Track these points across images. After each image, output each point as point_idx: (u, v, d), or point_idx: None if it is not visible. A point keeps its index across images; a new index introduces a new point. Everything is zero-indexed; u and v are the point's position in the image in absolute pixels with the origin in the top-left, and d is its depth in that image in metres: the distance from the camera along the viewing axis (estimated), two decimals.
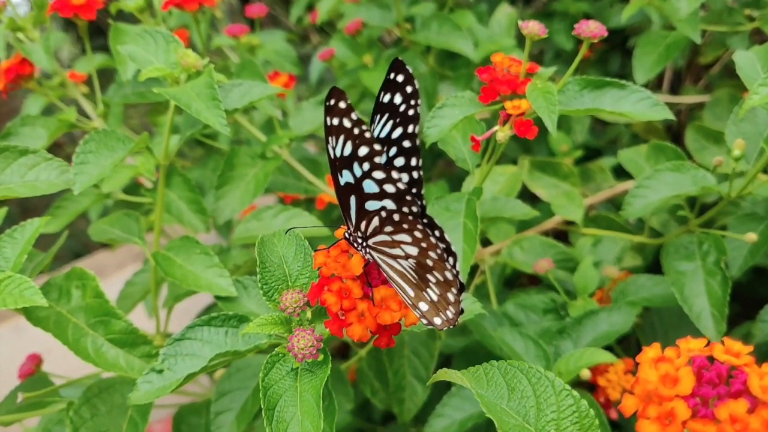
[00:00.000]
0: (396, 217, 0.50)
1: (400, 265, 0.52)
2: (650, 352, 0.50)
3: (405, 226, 0.50)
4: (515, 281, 1.30)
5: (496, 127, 0.74)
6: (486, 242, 1.11)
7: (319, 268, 0.54)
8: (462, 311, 0.54)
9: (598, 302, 0.95)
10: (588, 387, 0.87)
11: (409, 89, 0.54)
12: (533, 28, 0.71)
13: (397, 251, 0.52)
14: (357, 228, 0.53)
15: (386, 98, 0.54)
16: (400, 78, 0.54)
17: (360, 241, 0.53)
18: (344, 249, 0.55)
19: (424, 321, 0.53)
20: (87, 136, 0.70)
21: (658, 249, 0.91)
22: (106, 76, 1.32)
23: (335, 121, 0.49)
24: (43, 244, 0.90)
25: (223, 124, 0.66)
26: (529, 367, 0.51)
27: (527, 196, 1.17)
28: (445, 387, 1.03)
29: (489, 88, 0.75)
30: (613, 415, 0.85)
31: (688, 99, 1.28)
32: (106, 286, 1.15)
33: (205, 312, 1.20)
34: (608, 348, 0.83)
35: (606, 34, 0.70)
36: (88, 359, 0.65)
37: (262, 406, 0.51)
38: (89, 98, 1.05)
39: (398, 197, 0.51)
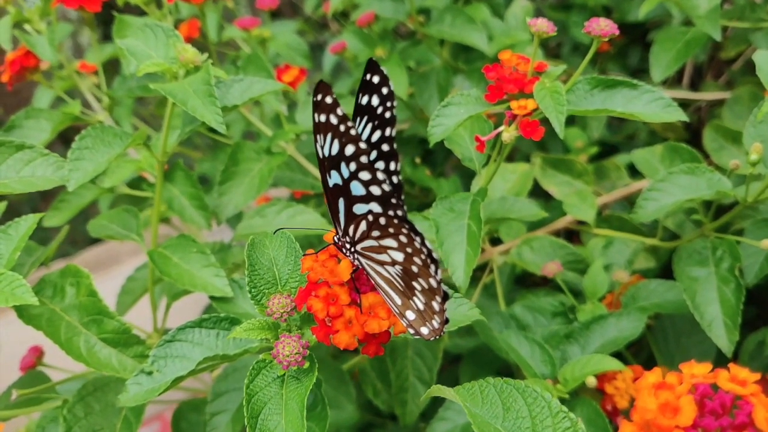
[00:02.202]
0: (382, 221, 0.49)
1: (387, 271, 0.50)
2: (650, 377, 0.47)
3: (391, 230, 0.49)
4: (527, 278, 1.28)
5: (502, 128, 0.72)
6: (496, 240, 1.09)
7: (307, 273, 0.53)
8: (447, 321, 0.52)
9: (608, 306, 0.93)
10: (595, 392, 0.84)
11: (385, 91, 0.52)
12: (541, 26, 0.68)
13: (383, 257, 0.50)
14: (345, 233, 0.52)
15: (364, 100, 0.52)
16: (375, 79, 0.52)
17: (348, 246, 0.52)
18: (333, 254, 0.53)
19: (411, 331, 0.51)
20: (84, 131, 0.69)
21: (671, 251, 0.88)
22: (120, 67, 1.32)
23: (322, 118, 0.48)
24: (52, 236, 0.89)
25: (219, 122, 0.64)
26: (525, 386, 0.49)
27: (540, 193, 1.15)
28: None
29: (496, 87, 0.72)
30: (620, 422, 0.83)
31: (708, 95, 1.25)
32: (120, 273, 1.15)
33: (208, 309, 1.20)
34: (617, 354, 0.81)
35: (617, 32, 0.68)
36: (80, 359, 0.64)
37: (245, 414, 0.50)
38: (99, 89, 1.04)
39: (383, 200, 0.49)
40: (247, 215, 0.89)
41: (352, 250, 0.52)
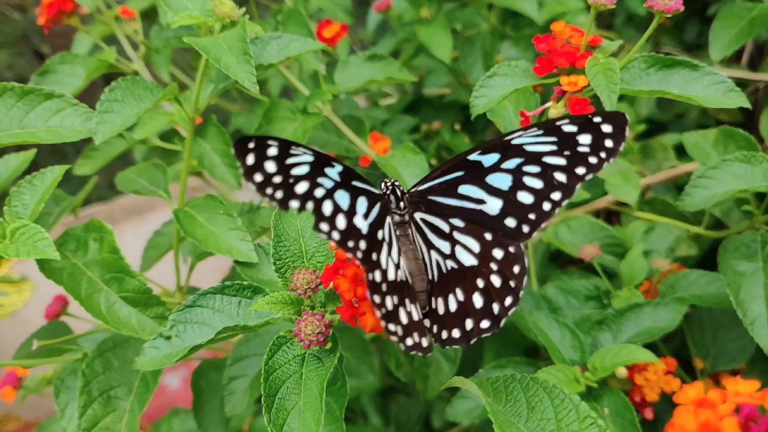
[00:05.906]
0: None
1: None
2: (690, 391, 0.44)
3: None
4: (561, 254, 1.24)
5: (549, 103, 0.68)
6: None
7: (335, 250, 0.50)
8: (429, 349, 0.50)
9: (645, 294, 0.89)
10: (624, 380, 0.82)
11: (608, 143, 0.48)
12: None
13: None
14: None
15: (569, 128, 0.49)
16: (606, 128, 0.48)
17: None
18: None
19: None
20: (114, 83, 0.67)
21: (715, 239, 0.84)
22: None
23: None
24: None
25: (253, 82, 0.62)
26: (553, 386, 0.46)
27: None
28: (470, 367, 0.99)
29: (546, 60, 0.68)
30: (648, 415, 0.80)
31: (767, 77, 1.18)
32: (155, 220, 1.14)
33: (233, 271, 1.19)
34: (650, 345, 0.78)
35: (682, 8, 0.63)
36: (99, 316, 0.63)
37: (262, 392, 0.48)
38: (136, 36, 1.02)
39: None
40: None
41: None
